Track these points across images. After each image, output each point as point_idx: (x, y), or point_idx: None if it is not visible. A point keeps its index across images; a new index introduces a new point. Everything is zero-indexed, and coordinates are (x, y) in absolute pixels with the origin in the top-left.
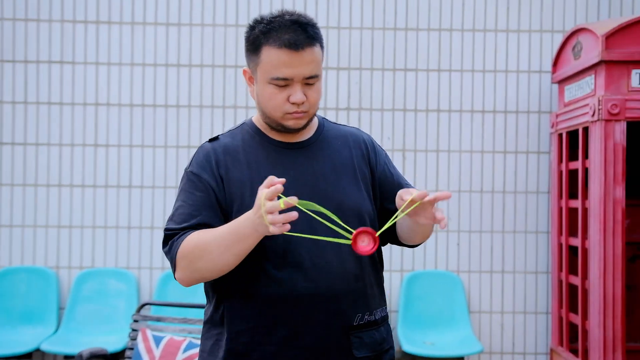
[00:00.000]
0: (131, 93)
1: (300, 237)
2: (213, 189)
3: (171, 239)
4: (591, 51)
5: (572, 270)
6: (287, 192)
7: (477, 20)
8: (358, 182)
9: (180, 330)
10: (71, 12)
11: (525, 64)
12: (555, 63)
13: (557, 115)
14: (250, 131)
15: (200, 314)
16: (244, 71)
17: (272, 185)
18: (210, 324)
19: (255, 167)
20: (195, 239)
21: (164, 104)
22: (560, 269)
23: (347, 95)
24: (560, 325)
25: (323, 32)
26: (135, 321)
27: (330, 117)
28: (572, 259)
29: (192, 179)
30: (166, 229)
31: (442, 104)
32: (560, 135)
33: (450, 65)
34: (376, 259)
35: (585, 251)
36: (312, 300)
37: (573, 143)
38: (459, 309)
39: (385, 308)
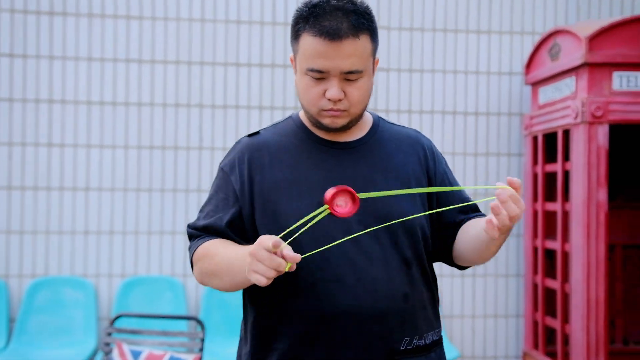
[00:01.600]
0: (89, 89)
1: (342, 246)
2: (236, 192)
3: (193, 238)
4: (572, 53)
5: (548, 273)
6: (307, 197)
7: (448, 20)
8: (409, 187)
9: (160, 343)
10: (22, 1)
11: (496, 66)
12: (529, 65)
13: (531, 117)
14: (294, 126)
15: (178, 326)
16: (291, 58)
17: (275, 245)
18: (242, 341)
19: (295, 167)
20: (207, 252)
21: (124, 102)
22: (535, 272)
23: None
24: (534, 328)
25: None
26: (109, 334)
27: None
28: (547, 262)
29: (221, 177)
30: (190, 225)
31: (413, 105)
32: (535, 137)
33: (422, 65)
34: (429, 276)
35: (565, 254)
36: (354, 320)
37: (548, 145)
38: None
39: (439, 331)
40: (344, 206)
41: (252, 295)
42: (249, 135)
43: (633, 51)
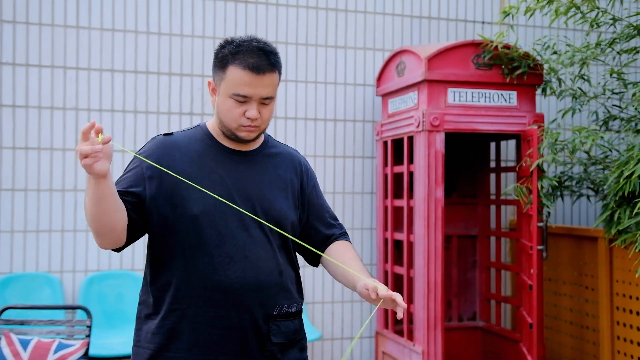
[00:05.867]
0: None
1: (234, 231)
2: (144, 176)
3: None
4: (415, 70)
5: (397, 261)
6: (227, 193)
7: (309, 35)
8: (288, 195)
9: (48, 332)
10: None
11: (351, 78)
12: (379, 78)
13: (381, 125)
14: (202, 134)
15: (60, 316)
16: (209, 82)
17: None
18: (142, 305)
19: (200, 165)
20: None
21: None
22: (386, 261)
23: (190, 101)
24: (385, 311)
25: (165, 40)
26: None
27: (174, 121)
28: (396, 252)
29: (134, 160)
30: None
31: (279, 112)
32: (385, 142)
33: (286, 75)
34: (295, 261)
35: (410, 244)
36: (241, 289)
37: (396, 149)
38: None
39: (301, 304)
40: None
41: (161, 271)
42: (164, 135)
43: (463, 71)
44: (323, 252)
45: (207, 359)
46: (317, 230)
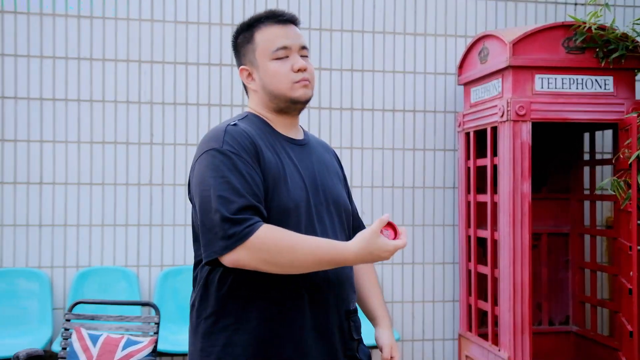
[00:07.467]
0: (41, 86)
1: (315, 229)
2: (253, 166)
3: (241, 222)
4: (498, 56)
5: (480, 260)
6: (303, 183)
7: (387, 22)
8: (341, 183)
9: (117, 328)
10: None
11: (432, 66)
12: (461, 66)
13: (463, 115)
14: (258, 122)
15: (133, 311)
16: (242, 69)
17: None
18: (217, 316)
19: (275, 155)
20: (288, 240)
21: (77, 99)
22: (469, 259)
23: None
24: (468, 312)
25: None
26: (67, 320)
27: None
28: (479, 250)
29: (231, 157)
30: (231, 211)
31: (355, 103)
32: (467, 134)
33: (363, 65)
34: None
35: (494, 242)
36: (326, 286)
37: (479, 141)
38: None
39: None
40: (390, 234)
41: (245, 275)
42: (232, 125)
43: (552, 55)
44: None
45: None
46: (356, 220)
